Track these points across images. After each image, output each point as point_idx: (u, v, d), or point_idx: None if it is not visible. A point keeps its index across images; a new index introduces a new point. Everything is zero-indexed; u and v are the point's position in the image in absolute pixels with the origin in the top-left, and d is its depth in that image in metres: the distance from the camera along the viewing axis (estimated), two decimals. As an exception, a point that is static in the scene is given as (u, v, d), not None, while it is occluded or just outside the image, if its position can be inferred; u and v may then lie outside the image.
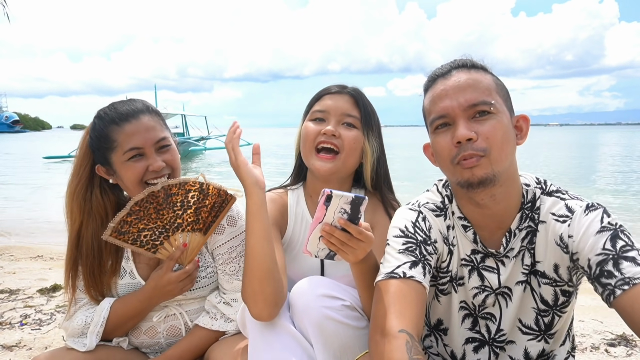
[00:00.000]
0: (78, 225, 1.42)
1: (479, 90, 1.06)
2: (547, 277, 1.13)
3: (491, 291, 1.18)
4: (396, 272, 1.06)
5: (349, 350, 1.21)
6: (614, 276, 0.95)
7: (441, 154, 1.10)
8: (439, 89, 1.10)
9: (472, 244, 1.17)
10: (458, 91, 1.07)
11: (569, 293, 1.15)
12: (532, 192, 1.14)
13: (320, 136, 1.39)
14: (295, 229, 1.49)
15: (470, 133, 1.03)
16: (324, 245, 1.09)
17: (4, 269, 3.87)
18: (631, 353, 2.21)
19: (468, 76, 1.08)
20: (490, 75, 1.11)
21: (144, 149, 1.36)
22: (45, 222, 6.94)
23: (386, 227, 1.39)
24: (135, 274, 1.48)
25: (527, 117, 1.12)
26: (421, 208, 1.22)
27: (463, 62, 1.12)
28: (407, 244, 1.12)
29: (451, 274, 1.20)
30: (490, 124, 1.04)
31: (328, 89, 1.47)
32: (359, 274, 1.19)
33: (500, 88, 1.11)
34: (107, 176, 1.42)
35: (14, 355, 2.16)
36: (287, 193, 1.54)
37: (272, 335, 1.22)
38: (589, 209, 1.07)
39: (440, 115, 1.08)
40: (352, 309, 1.23)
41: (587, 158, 22.03)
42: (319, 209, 1.04)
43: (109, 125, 1.37)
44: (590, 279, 1.01)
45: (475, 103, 1.05)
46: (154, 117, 1.41)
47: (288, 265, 1.46)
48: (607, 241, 1.00)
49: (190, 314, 1.52)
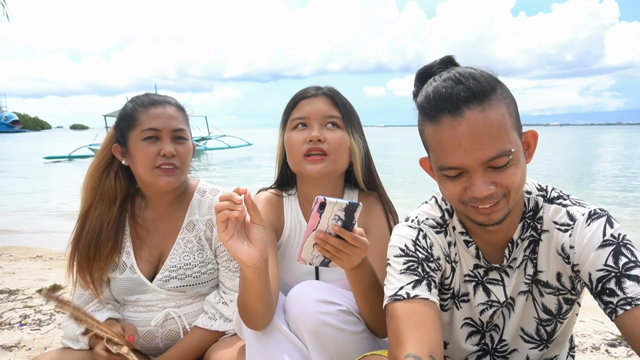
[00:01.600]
0: (88, 204, 1.48)
1: (498, 139, 0.92)
2: (551, 287, 1.10)
3: (498, 305, 1.14)
4: (399, 294, 1.02)
5: (346, 356, 1.20)
6: (616, 295, 0.93)
7: (450, 197, 1.02)
8: (448, 135, 0.94)
9: (474, 259, 1.14)
10: (474, 142, 0.92)
11: (572, 301, 1.13)
12: (534, 200, 1.10)
13: (306, 144, 1.35)
14: (291, 233, 1.47)
15: (489, 189, 0.94)
16: (319, 253, 1.08)
17: (4, 269, 3.87)
18: (631, 353, 2.20)
19: (483, 119, 0.92)
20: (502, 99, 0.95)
21: (161, 132, 1.42)
22: (45, 222, 6.94)
23: (382, 229, 1.40)
24: (136, 268, 1.50)
25: (536, 133, 1.03)
26: (421, 225, 1.15)
27: (475, 92, 0.93)
28: (408, 263, 1.07)
29: (453, 291, 1.17)
30: (510, 172, 0.95)
31: (303, 93, 1.42)
32: (354, 280, 1.17)
33: (513, 112, 0.97)
34: (121, 157, 1.48)
35: (13, 356, 2.16)
36: (283, 198, 1.52)
37: (268, 339, 1.21)
38: (591, 217, 1.02)
39: (452, 167, 0.96)
40: (348, 314, 1.21)
41: (590, 157, 22.06)
42: (313, 216, 1.02)
43: (137, 107, 1.46)
44: (592, 294, 0.99)
45: (495, 157, 0.92)
46: (179, 112, 1.50)
47: (283, 270, 1.45)
48: (609, 257, 0.96)
49: (189, 317, 1.52)
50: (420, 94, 1.01)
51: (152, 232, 1.54)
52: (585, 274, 1.00)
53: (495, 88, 0.95)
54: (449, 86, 0.94)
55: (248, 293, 1.15)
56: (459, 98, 0.93)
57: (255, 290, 1.13)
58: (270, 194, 1.51)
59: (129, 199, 1.54)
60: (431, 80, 1.01)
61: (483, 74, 0.96)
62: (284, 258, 1.47)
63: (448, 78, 0.96)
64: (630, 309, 0.90)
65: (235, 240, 1.07)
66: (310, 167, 1.35)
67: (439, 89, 0.96)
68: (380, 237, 1.37)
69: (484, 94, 0.93)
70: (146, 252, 1.52)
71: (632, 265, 0.94)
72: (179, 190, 1.55)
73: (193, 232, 1.52)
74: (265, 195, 1.50)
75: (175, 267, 1.50)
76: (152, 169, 1.42)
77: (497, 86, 0.96)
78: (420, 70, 1.07)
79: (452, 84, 0.94)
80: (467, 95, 0.92)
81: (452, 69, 1.00)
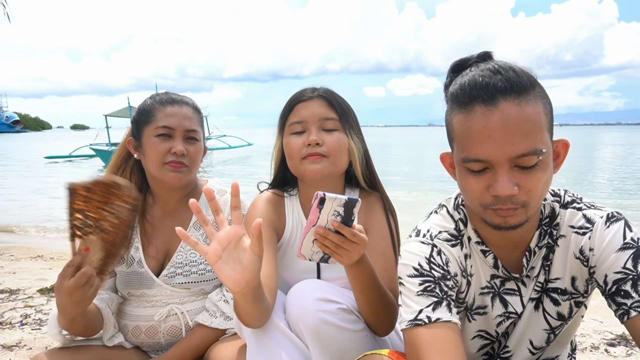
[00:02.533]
0: None
1: (531, 135, 0.87)
2: (566, 293, 1.09)
3: (516, 316, 1.11)
4: (420, 319, 0.97)
5: (346, 354, 1.20)
6: (630, 297, 0.93)
7: (470, 196, 0.97)
8: (479, 124, 0.89)
9: (491, 269, 1.09)
10: (505, 135, 0.87)
11: (581, 303, 1.12)
12: (550, 206, 1.07)
13: (305, 148, 1.36)
14: (293, 233, 1.48)
15: (512, 189, 0.89)
16: (318, 249, 1.09)
17: (4, 269, 3.88)
18: (631, 353, 2.21)
19: (519, 112, 0.87)
20: (540, 98, 0.91)
21: (174, 131, 1.47)
22: (46, 222, 6.95)
23: (382, 227, 1.41)
24: (144, 263, 1.52)
25: (568, 143, 0.98)
26: (434, 240, 1.07)
27: (514, 84, 0.89)
28: (424, 284, 1.01)
29: (466, 304, 1.12)
30: (536, 176, 0.90)
31: (299, 97, 1.42)
32: (354, 276, 1.18)
33: (549, 114, 0.93)
34: (134, 150, 1.53)
35: (14, 355, 2.16)
36: (285, 198, 1.53)
37: (268, 339, 1.22)
38: (610, 220, 1.01)
39: (478, 159, 0.91)
40: (348, 312, 1.22)
41: (590, 157, 22.06)
42: (312, 211, 1.03)
43: (155, 104, 1.51)
44: (604, 294, 0.99)
45: (525, 154, 0.87)
46: (194, 112, 1.54)
47: (284, 269, 1.46)
48: (628, 260, 0.96)
49: (192, 314, 1.53)
50: (454, 83, 0.97)
51: (160, 230, 1.56)
52: (601, 276, 0.99)
53: (534, 85, 0.92)
54: (487, 75, 0.90)
55: (238, 308, 1.15)
56: (496, 88, 0.88)
57: (244, 309, 1.13)
58: (272, 194, 1.52)
59: (141, 195, 1.56)
60: (467, 70, 0.97)
61: (523, 70, 0.93)
62: (285, 257, 1.48)
63: (486, 69, 0.92)
64: None
65: (223, 264, 1.02)
66: (311, 167, 1.36)
67: (475, 78, 0.91)
68: (381, 236, 1.39)
69: (522, 88, 0.89)
70: (153, 248, 1.54)
71: None
72: (187, 189, 1.57)
73: (200, 230, 1.55)
74: (266, 196, 1.51)
75: (181, 264, 1.52)
76: (161, 165, 1.46)
77: (536, 84, 0.93)
78: (456, 62, 1.03)
79: (490, 74, 0.90)
80: (505, 86, 0.88)
81: (491, 61, 0.97)
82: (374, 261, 1.24)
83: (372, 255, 1.26)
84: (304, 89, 1.44)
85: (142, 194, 1.56)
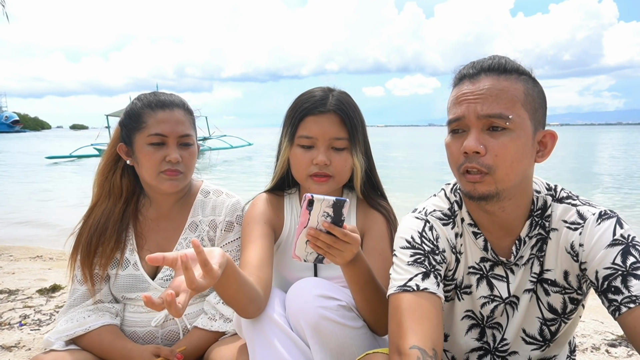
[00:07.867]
0: (95, 200, 1.51)
1: (501, 102, 0.98)
2: (557, 285, 1.11)
3: (500, 301, 1.15)
4: (409, 285, 1.04)
5: (346, 351, 1.21)
6: (621, 293, 0.94)
7: (450, 159, 1.07)
8: (462, 91, 1.03)
9: (482, 251, 1.14)
10: (478, 99, 0.99)
11: (577, 301, 1.13)
12: (543, 199, 1.11)
13: (312, 167, 1.36)
14: (291, 231, 1.49)
15: (478, 146, 0.98)
16: (312, 250, 1.10)
17: (4, 269, 3.87)
18: (632, 353, 2.20)
19: (494, 84, 1.00)
20: (523, 83, 1.01)
21: (167, 139, 1.42)
22: (46, 222, 6.94)
23: (381, 229, 1.41)
24: (139, 265, 1.50)
25: (555, 133, 1.05)
26: (428, 217, 1.16)
27: (497, 64, 1.02)
28: (415, 255, 1.09)
29: (456, 282, 1.17)
30: (502, 140, 0.98)
31: (310, 107, 1.36)
32: (350, 276, 1.18)
33: (531, 99, 1.02)
34: (126, 157, 1.48)
35: (13, 356, 2.16)
36: (284, 197, 1.54)
37: (268, 338, 1.22)
38: (602, 217, 1.04)
39: (455, 118, 1.03)
40: (348, 309, 1.23)
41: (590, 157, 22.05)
42: (303, 213, 1.05)
43: (144, 107, 1.44)
44: (597, 292, 1.00)
45: (491, 115, 0.98)
46: (186, 115, 1.49)
47: (284, 267, 1.47)
48: (617, 256, 0.97)
49: (189, 318, 1.52)
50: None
51: (155, 232, 1.54)
52: (592, 272, 1.01)
53: (521, 73, 1.03)
54: (481, 60, 1.05)
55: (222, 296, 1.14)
56: (482, 67, 1.03)
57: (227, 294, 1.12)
58: (268, 194, 1.52)
59: (135, 197, 1.55)
60: None
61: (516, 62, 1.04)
62: (284, 256, 1.48)
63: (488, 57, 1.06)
64: (634, 307, 0.91)
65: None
66: (315, 187, 1.38)
67: (472, 62, 1.06)
68: (380, 237, 1.39)
69: (506, 70, 1.01)
70: (147, 251, 1.52)
71: (639, 266, 0.95)
72: (183, 192, 1.56)
73: (196, 232, 1.53)
74: (266, 195, 1.52)
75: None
76: (157, 174, 1.43)
77: (523, 72, 1.03)
78: None
79: (485, 59, 1.05)
80: (490, 65, 1.03)
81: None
82: (372, 261, 1.24)
83: (370, 256, 1.27)
84: (315, 95, 1.39)
85: (135, 196, 1.54)
